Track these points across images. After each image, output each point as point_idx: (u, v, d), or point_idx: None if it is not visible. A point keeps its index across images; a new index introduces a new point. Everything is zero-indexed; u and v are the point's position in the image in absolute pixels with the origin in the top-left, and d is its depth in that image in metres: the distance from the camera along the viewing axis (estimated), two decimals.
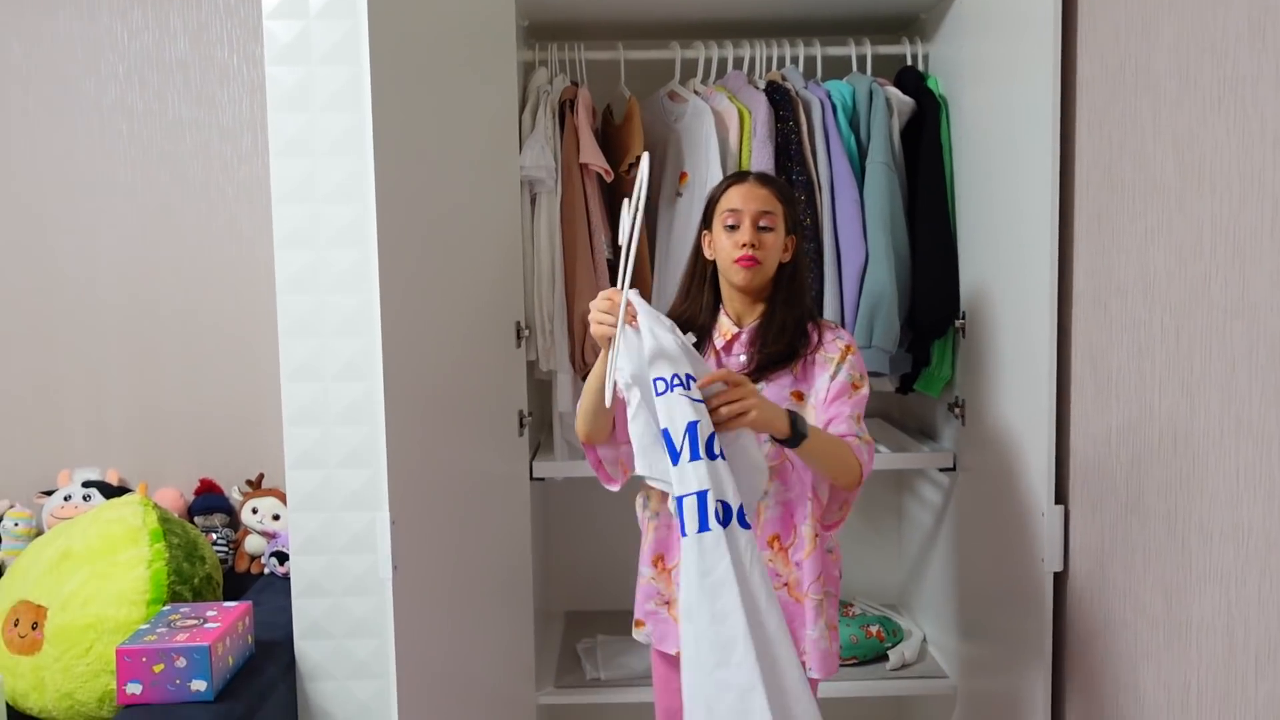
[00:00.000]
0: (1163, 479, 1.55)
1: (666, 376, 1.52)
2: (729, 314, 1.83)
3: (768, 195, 1.79)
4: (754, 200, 1.77)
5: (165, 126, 2.76)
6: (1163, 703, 1.56)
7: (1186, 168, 1.47)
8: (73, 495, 2.63)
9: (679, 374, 1.52)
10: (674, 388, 1.51)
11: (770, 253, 1.77)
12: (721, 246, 1.79)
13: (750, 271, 1.75)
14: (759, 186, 1.79)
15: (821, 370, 1.78)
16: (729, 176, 1.85)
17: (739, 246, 1.75)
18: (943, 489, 2.50)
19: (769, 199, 1.78)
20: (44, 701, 2.12)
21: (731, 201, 1.79)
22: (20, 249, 2.78)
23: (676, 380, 1.51)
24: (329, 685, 2.23)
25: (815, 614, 1.80)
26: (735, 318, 1.83)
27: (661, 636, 1.89)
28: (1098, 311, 1.74)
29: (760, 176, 1.82)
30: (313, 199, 2.15)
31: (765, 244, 1.76)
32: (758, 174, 1.83)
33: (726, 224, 1.78)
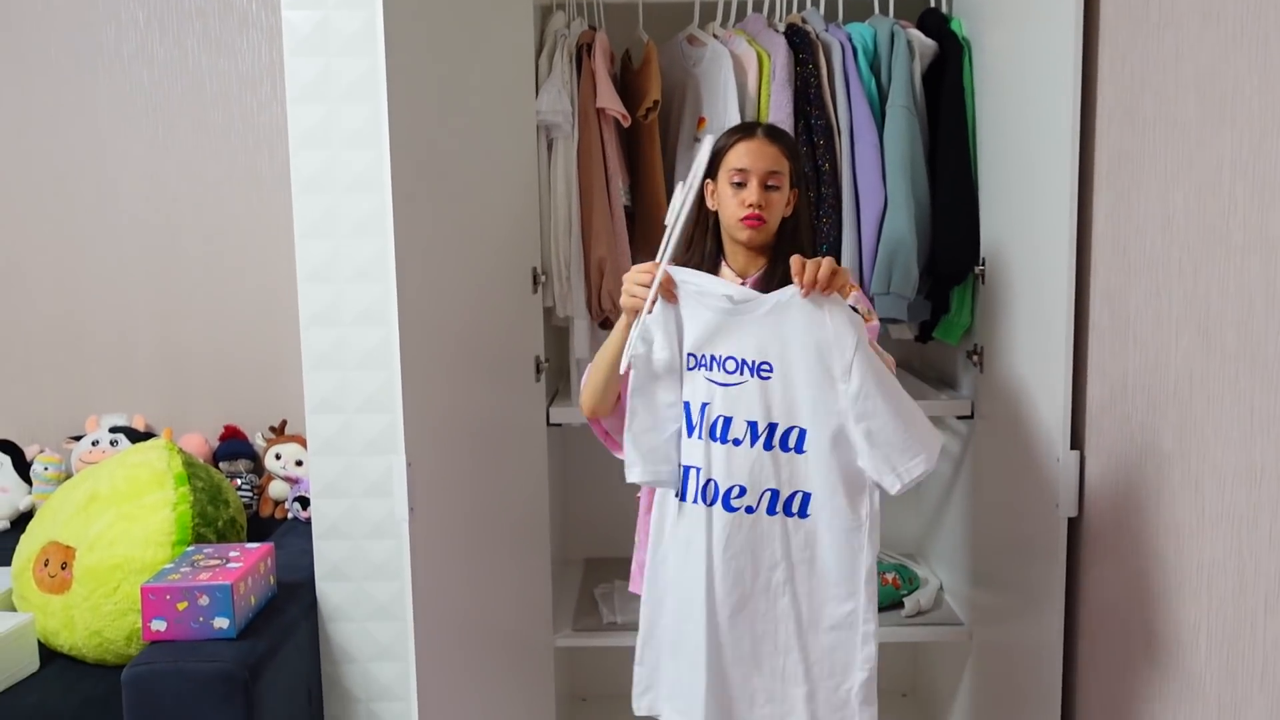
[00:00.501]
0: (1177, 421, 1.53)
1: (697, 354, 1.63)
2: (732, 266, 1.83)
3: (776, 154, 1.76)
4: (762, 159, 1.74)
5: (185, 74, 2.77)
6: (1173, 644, 1.56)
7: (1207, 104, 1.44)
8: (100, 440, 2.68)
9: (708, 354, 1.62)
10: (700, 366, 1.63)
11: (775, 211, 1.76)
12: (726, 202, 1.78)
13: (755, 231, 1.75)
14: (767, 144, 1.76)
15: None
16: (737, 129, 1.81)
17: (745, 206, 1.74)
18: (961, 437, 2.49)
19: (777, 157, 1.75)
20: (74, 639, 2.17)
21: (739, 159, 1.76)
22: (44, 199, 2.81)
23: (704, 361, 1.62)
24: (349, 626, 2.28)
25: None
26: (739, 270, 1.82)
27: None
28: (1116, 254, 1.71)
29: (769, 131, 1.78)
30: (330, 145, 2.16)
31: (771, 203, 1.75)
32: (766, 128, 1.79)
33: (733, 181, 1.76)
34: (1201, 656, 1.48)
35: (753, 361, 1.61)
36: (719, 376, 1.63)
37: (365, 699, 2.30)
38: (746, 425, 1.62)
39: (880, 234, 2.27)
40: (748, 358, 1.61)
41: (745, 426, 1.62)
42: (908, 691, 2.95)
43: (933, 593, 2.54)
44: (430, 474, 1.91)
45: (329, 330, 2.20)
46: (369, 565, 2.26)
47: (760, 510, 1.65)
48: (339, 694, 2.29)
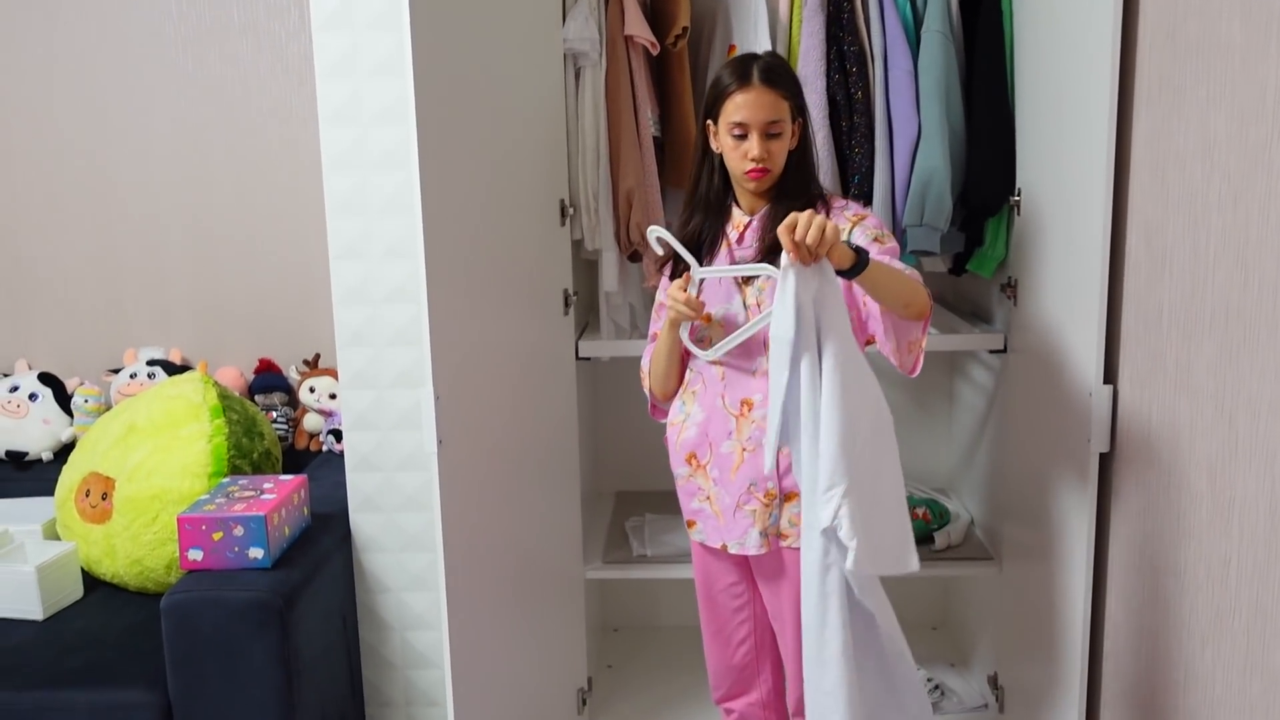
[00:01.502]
0: (1213, 355, 1.50)
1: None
2: (740, 204, 1.85)
3: (774, 100, 1.72)
4: (760, 110, 1.72)
5: (212, 4, 2.75)
6: (1203, 579, 1.55)
7: (1253, 25, 1.38)
8: (138, 373, 2.72)
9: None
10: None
11: (779, 157, 1.76)
12: (729, 152, 1.77)
13: (760, 180, 1.77)
14: (765, 91, 1.72)
15: None
16: (735, 69, 1.76)
17: (747, 159, 1.74)
18: (994, 371, 2.46)
19: (775, 104, 1.73)
20: (115, 567, 2.23)
21: (737, 112, 1.73)
22: (76, 133, 2.82)
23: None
24: (382, 557, 2.31)
25: None
26: (747, 207, 1.84)
27: (712, 531, 1.91)
28: (1155, 183, 1.66)
29: (765, 75, 1.73)
30: (356, 76, 2.14)
31: (774, 152, 1.75)
32: (762, 71, 1.74)
33: (733, 133, 1.75)
34: (1231, 591, 1.47)
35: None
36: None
37: (399, 627, 2.35)
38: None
39: (913, 164, 2.22)
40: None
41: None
42: (938, 625, 2.97)
43: (963, 527, 2.53)
44: (459, 407, 1.92)
45: (358, 264, 2.20)
46: (400, 496, 2.28)
47: None
48: (373, 622, 2.34)
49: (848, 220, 1.78)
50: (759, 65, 1.75)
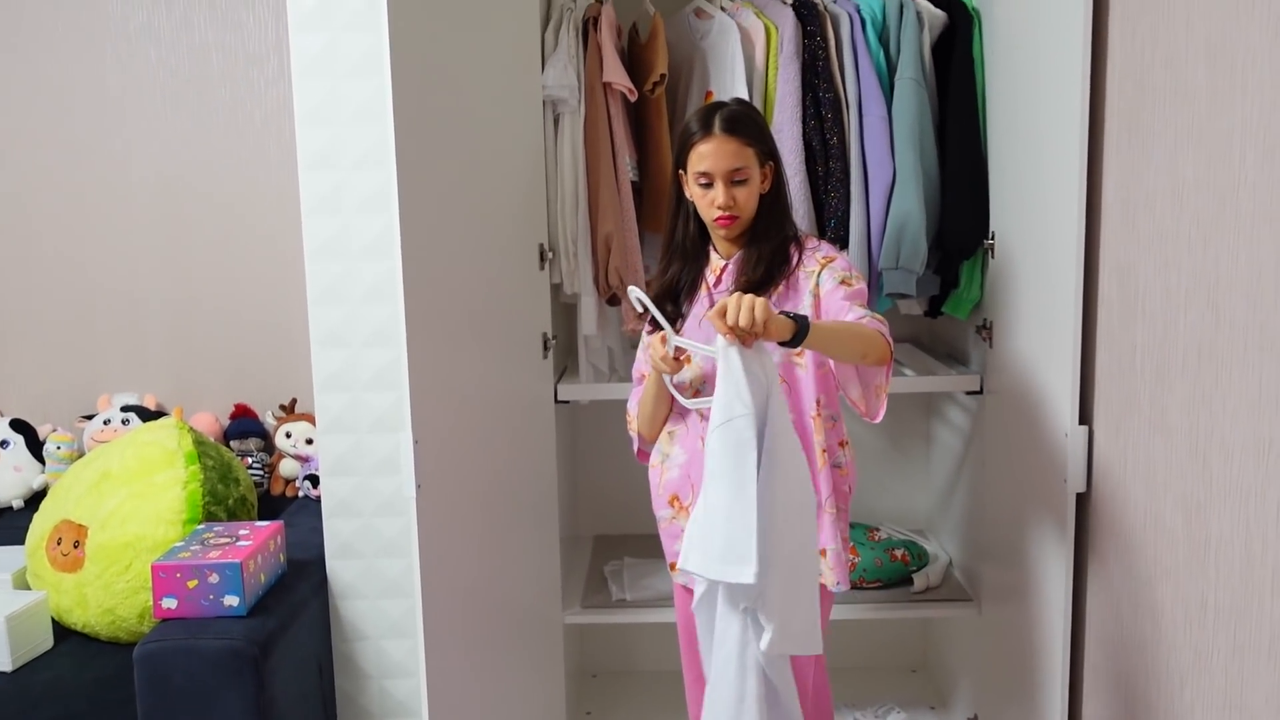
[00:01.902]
0: (1185, 395, 1.52)
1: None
2: (717, 250, 1.87)
3: (736, 148, 1.75)
4: (722, 158, 1.74)
5: (192, 51, 2.76)
6: (1180, 620, 1.55)
7: (1218, 71, 1.42)
8: (112, 419, 2.70)
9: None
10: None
11: (747, 202, 1.78)
12: (698, 199, 1.80)
13: (730, 227, 1.79)
14: (726, 140, 1.75)
15: (804, 286, 1.79)
16: (697, 119, 1.79)
17: (714, 206, 1.77)
18: (970, 412, 2.48)
19: (738, 151, 1.75)
20: (87, 617, 2.19)
21: (701, 162, 1.76)
22: (52, 177, 2.81)
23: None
24: (360, 604, 2.29)
25: (833, 529, 1.82)
26: (723, 252, 1.87)
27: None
28: (1125, 226, 1.69)
29: (726, 124, 1.75)
30: (336, 121, 2.15)
31: (740, 198, 1.77)
32: (724, 119, 1.76)
33: (700, 182, 1.79)
34: (1209, 631, 1.48)
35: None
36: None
37: (376, 675, 2.31)
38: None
39: (889, 208, 2.25)
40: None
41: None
42: (917, 667, 2.96)
43: (941, 569, 2.53)
44: (438, 451, 1.91)
45: (336, 308, 2.20)
46: (379, 542, 2.26)
47: None
48: (350, 670, 2.31)
49: (818, 262, 1.80)
50: (721, 114, 1.78)
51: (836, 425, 1.86)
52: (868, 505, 2.82)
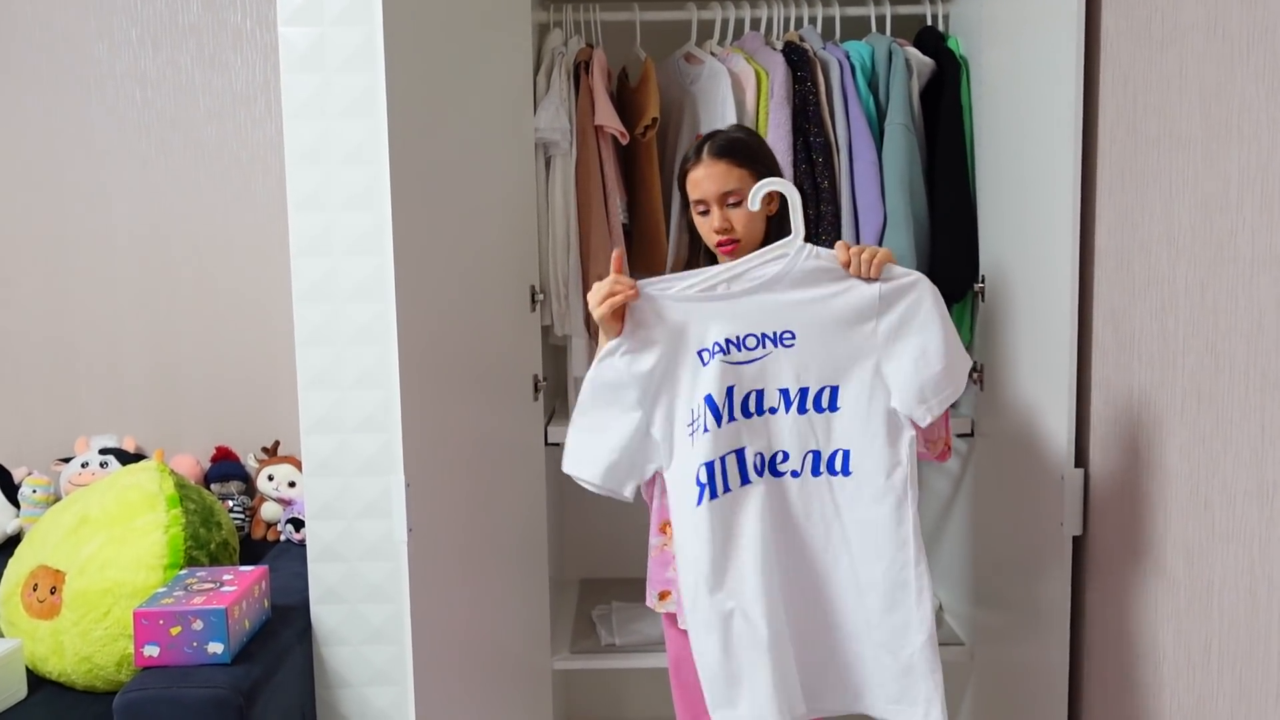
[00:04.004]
0: (1185, 439, 1.52)
1: (709, 346, 1.59)
2: None
3: (725, 169, 1.74)
4: (713, 182, 1.74)
5: (178, 91, 2.75)
6: (1183, 665, 1.54)
7: (1213, 119, 1.44)
8: (90, 462, 2.64)
9: (720, 340, 1.58)
10: (716, 354, 1.58)
11: (746, 225, 1.76)
12: (700, 227, 1.80)
13: (732, 252, 1.77)
14: (715, 163, 1.75)
15: None
16: (693, 147, 1.81)
17: (713, 232, 1.76)
18: (960, 456, 2.48)
19: (728, 173, 1.74)
20: (63, 665, 2.13)
21: (694, 189, 1.77)
22: (35, 217, 2.78)
23: (718, 348, 1.58)
24: (344, 650, 2.24)
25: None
26: None
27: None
28: (1120, 270, 1.71)
29: (716, 148, 1.76)
30: (327, 162, 2.14)
31: (736, 221, 1.75)
32: (716, 145, 1.76)
33: (698, 210, 1.79)
34: (1214, 677, 1.47)
35: (775, 333, 1.58)
36: (740, 356, 1.59)
37: None
38: (779, 394, 1.60)
39: None
40: (767, 330, 1.58)
41: (779, 395, 1.60)
42: None
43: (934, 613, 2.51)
44: (429, 494, 1.88)
45: (325, 349, 2.17)
46: (365, 587, 2.22)
47: (805, 473, 1.60)
48: (334, 719, 2.26)
49: None
50: (713, 140, 1.79)
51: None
52: None
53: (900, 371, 1.57)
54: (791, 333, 1.58)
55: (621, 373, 1.61)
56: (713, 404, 1.58)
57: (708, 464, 1.57)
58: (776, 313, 1.58)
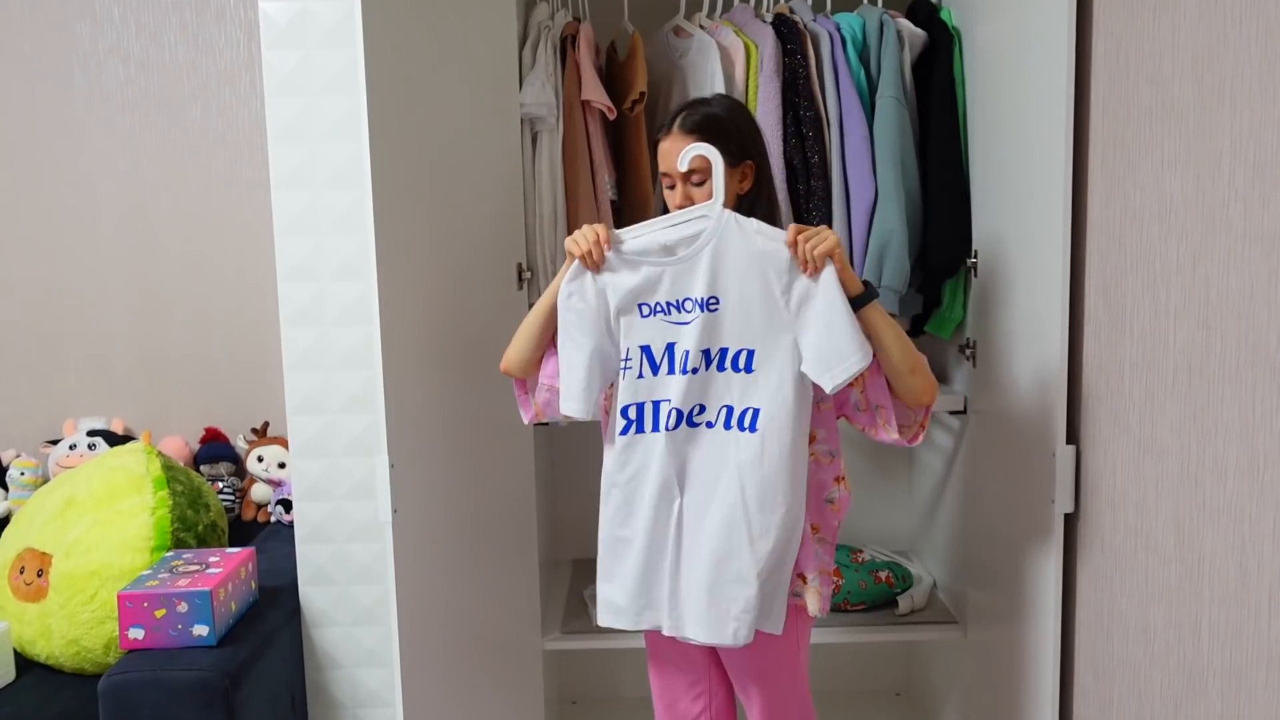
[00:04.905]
0: (1176, 414, 1.50)
1: (651, 303, 1.70)
2: None
3: (695, 143, 1.69)
4: (677, 157, 1.70)
5: (162, 70, 2.71)
6: (1174, 641, 1.53)
7: (1205, 88, 1.41)
8: (78, 444, 2.63)
9: (663, 301, 1.70)
10: (657, 313, 1.71)
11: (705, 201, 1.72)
12: (668, 201, 1.77)
13: None
14: (682, 139, 1.71)
15: None
16: (669, 114, 1.78)
17: (676, 208, 1.74)
18: (954, 433, 2.46)
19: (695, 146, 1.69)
20: (50, 648, 2.13)
21: (663, 160, 1.75)
22: (20, 199, 2.75)
23: (659, 308, 1.70)
24: (334, 631, 2.23)
25: (815, 559, 1.78)
26: None
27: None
28: (1112, 245, 1.68)
29: (687, 123, 1.73)
30: (309, 140, 2.12)
31: (698, 199, 1.71)
32: (685, 116, 1.74)
33: (666, 184, 1.76)
34: (1204, 654, 1.45)
35: (704, 299, 1.67)
36: (677, 317, 1.70)
37: (351, 705, 2.26)
38: (702, 354, 1.68)
39: (871, 227, 2.23)
40: (699, 296, 1.67)
41: (701, 356, 1.68)
42: (901, 691, 2.92)
43: (926, 590, 2.51)
44: (414, 475, 1.87)
45: (310, 329, 2.15)
46: (353, 569, 2.21)
47: (718, 425, 1.70)
48: (324, 700, 2.25)
49: None
50: (686, 112, 1.75)
51: (833, 462, 1.79)
52: (850, 527, 2.79)
53: (807, 340, 1.65)
54: (717, 299, 1.66)
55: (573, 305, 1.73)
56: (650, 354, 1.71)
57: (638, 405, 1.72)
58: (710, 280, 1.66)
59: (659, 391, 1.71)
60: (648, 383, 1.71)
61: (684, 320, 1.69)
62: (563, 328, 1.73)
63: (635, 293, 1.70)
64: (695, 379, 1.69)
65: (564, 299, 1.73)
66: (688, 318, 1.68)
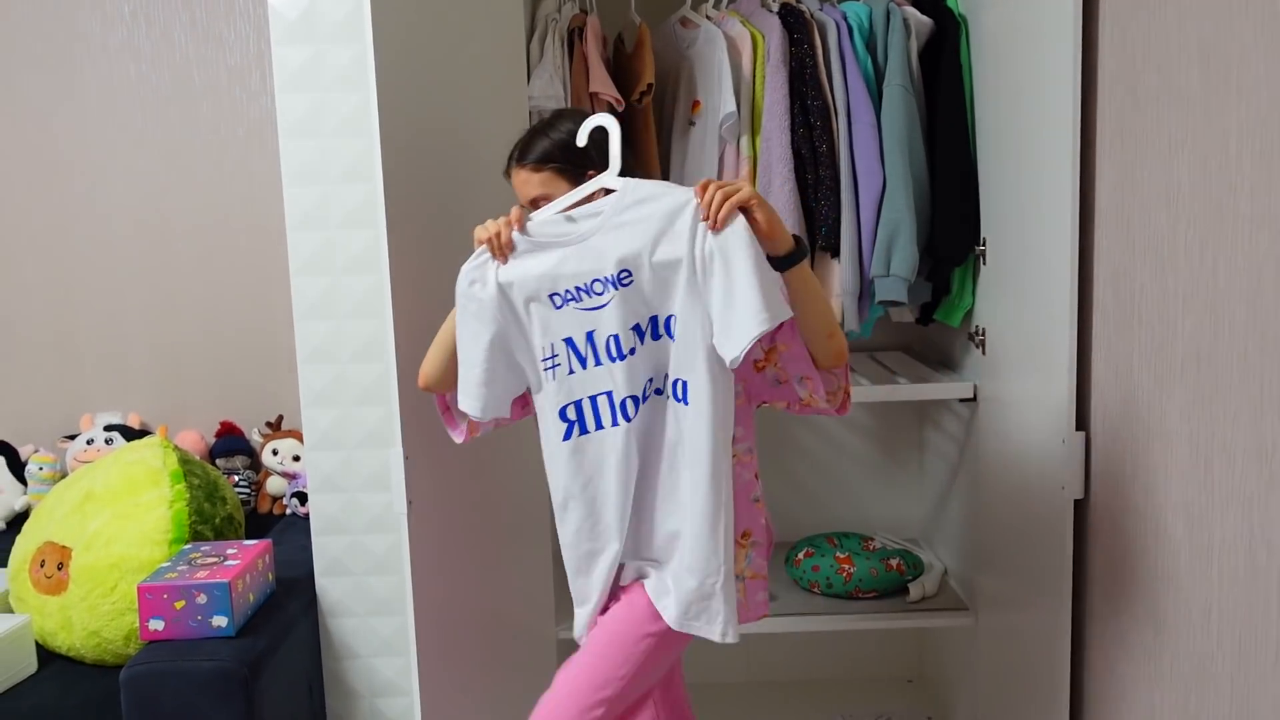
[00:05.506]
0: (1185, 400, 1.51)
1: (561, 291, 1.57)
2: None
3: (529, 175, 1.65)
4: (524, 188, 1.65)
5: (173, 66, 2.73)
6: (1183, 627, 1.54)
7: (1212, 75, 1.41)
8: (95, 439, 2.66)
9: (571, 287, 1.56)
10: (569, 301, 1.57)
11: None
12: None
13: None
14: (519, 170, 1.66)
15: None
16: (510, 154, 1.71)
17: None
18: (963, 420, 2.47)
19: (531, 179, 1.65)
20: (72, 640, 2.15)
21: (518, 195, 1.68)
22: (34, 195, 2.78)
23: (570, 295, 1.57)
24: (350, 621, 2.26)
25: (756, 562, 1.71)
26: None
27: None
28: (1120, 231, 1.69)
29: (519, 153, 1.67)
30: (320, 134, 2.13)
31: None
32: (520, 152, 1.67)
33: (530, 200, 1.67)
34: (1214, 638, 1.46)
35: (613, 275, 1.54)
36: (591, 302, 1.56)
37: (368, 694, 2.28)
38: (632, 332, 1.56)
39: (879, 215, 2.24)
40: (608, 273, 1.54)
41: (632, 334, 1.56)
42: (913, 678, 2.94)
43: (937, 578, 2.52)
44: (429, 467, 1.89)
45: (323, 322, 2.17)
46: (369, 560, 2.23)
47: (667, 391, 1.58)
48: (341, 690, 2.28)
49: None
50: (520, 145, 1.68)
51: (753, 458, 1.70)
52: (861, 514, 2.80)
53: (712, 305, 1.50)
54: (628, 271, 1.53)
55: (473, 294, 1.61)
56: (574, 346, 1.59)
57: (575, 403, 1.60)
58: (611, 253, 1.53)
59: (595, 385, 1.59)
60: (580, 378, 1.59)
61: (598, 304, 1.56)
62: (461, 319, 1.62)
63: (544, 279, 1.57)
64: (636, 359, 1.57)
65: (464, 287, 1.60)
66: (601, 300, 1.55)
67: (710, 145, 2.31)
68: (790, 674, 2.90)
